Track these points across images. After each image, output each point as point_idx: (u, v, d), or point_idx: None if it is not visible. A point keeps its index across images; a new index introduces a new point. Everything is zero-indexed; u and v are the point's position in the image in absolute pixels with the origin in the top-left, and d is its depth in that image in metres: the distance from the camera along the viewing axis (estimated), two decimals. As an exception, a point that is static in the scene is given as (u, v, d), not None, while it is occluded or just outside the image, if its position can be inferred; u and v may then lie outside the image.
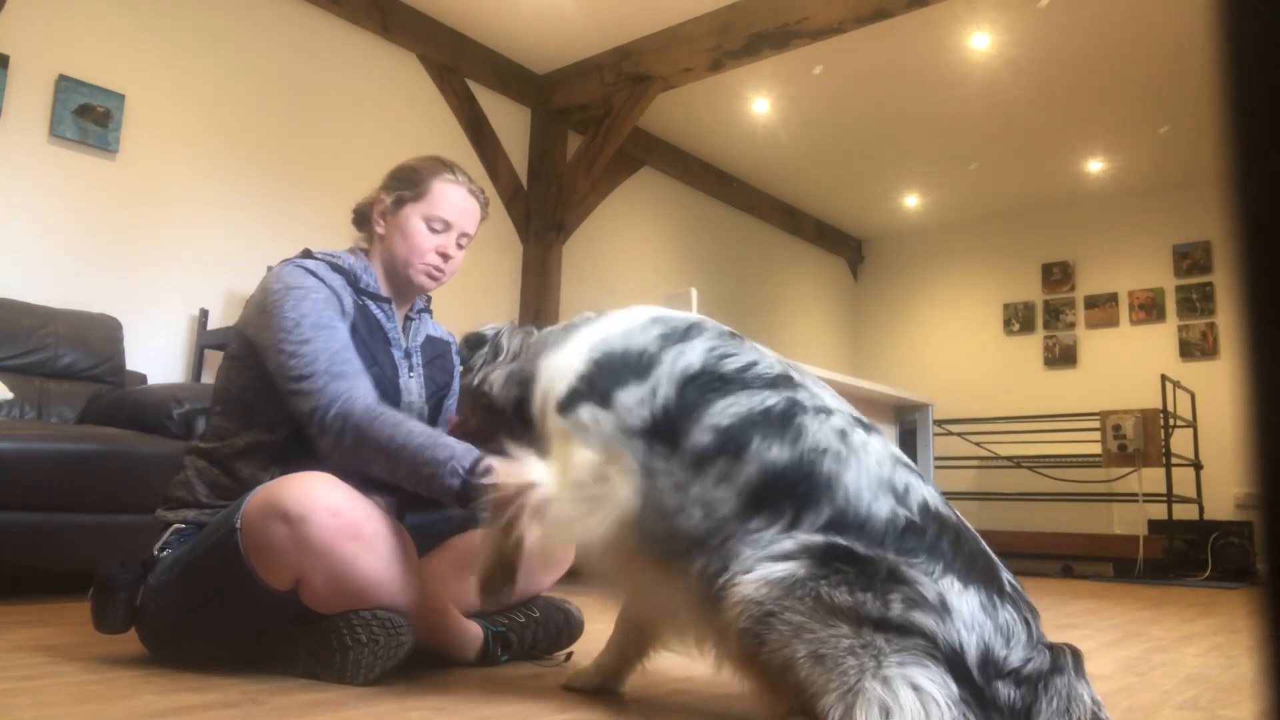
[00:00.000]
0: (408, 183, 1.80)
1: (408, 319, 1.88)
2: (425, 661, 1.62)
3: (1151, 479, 5.91)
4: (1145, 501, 5.90)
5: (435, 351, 1.92)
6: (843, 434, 1.25)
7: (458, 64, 5.04)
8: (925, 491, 1.23)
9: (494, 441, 1.53)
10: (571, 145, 5.55)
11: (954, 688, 1.04)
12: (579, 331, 1.47)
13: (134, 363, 3.51)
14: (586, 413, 1.34)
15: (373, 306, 1.77)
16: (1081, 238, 7.23)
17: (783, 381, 1.32)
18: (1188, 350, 6.62)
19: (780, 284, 7.54)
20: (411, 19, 4.78)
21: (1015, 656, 1.08)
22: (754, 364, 1.34)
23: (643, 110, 5.13)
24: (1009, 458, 6.80)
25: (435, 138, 4.90)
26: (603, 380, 1.35)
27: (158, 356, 3.73)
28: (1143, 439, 5.83)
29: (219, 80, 4.03)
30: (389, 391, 1.73)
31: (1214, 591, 4.71)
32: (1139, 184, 6.78)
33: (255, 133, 4.14)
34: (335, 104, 4.47)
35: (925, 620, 1.07)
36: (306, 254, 1.76)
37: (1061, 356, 7.21)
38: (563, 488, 1.32)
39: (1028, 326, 7.41)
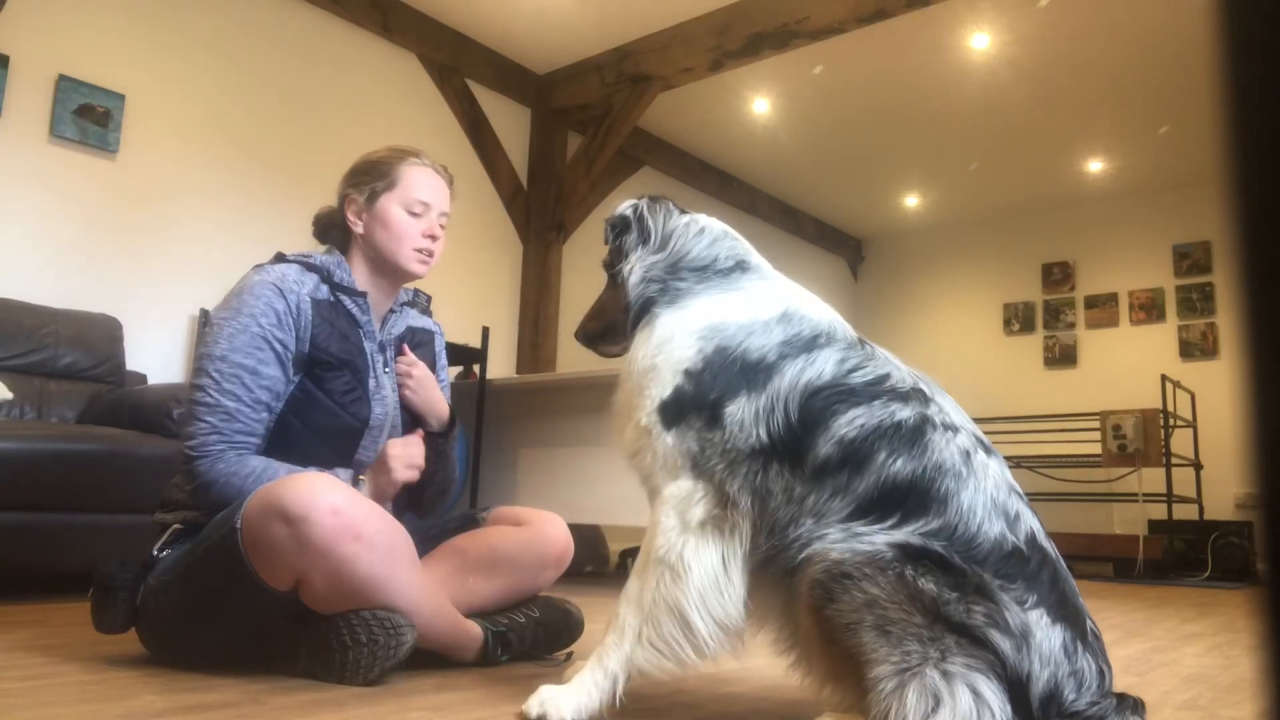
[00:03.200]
0: (376, 174, 1.81)
1: (390, 311, 1.88)
2: (425, 661, 1.62)
3: (1151, 479, 5.90)
4: (1145, 501, 5.90)
5: (417, 340, 1.92)
6: (967, 455, 1.22)
7: (458, 64, 5.04)
8: (1033, 523, 1.21)
9: (625, 332, 1.49)
10: (571, 145, 5.55)
11: (1009, 710, 1.03)
12: (703, 299, 1.38)
13: (134, 363, 3.51)
14: (693, 434, 1.28)
15: (347, 301, 1.77)
16: (1081, 238, 7.23)
17: (915, 395, 1.28)
18: (1188, 350, 6.62)
19: (780, 284, 7.54)
20: (411, 19, 4.78)
21: (1083, 702, 1.07)
22: (887, 376, 1.29)
23: (643, 110, 5.14)
24: (1009, 458, 6.74)
25: (435, 138, 4.90)
26: (713, 388, 1.28)
27: (158, 356, 3.73)
28: (1143, 439, 5.83)
29: (219, 80, 4.03)
30: (359, 394, 1.73)
31: (1214, 591, 4.71)
32: (1139, 184, 6.78)
33: (255, 133, 4.14)
34: (335, 104, 4.47)
35: (1001, 642, 1.06)
36: (280, 258, 1.76)
37: (1061, 356, 7.21)
38: (683, 531, 1.27)
39: (1028, 326, 7.41)
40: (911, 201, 7.44)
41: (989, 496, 1.19)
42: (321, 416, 1.68)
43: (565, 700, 1.24)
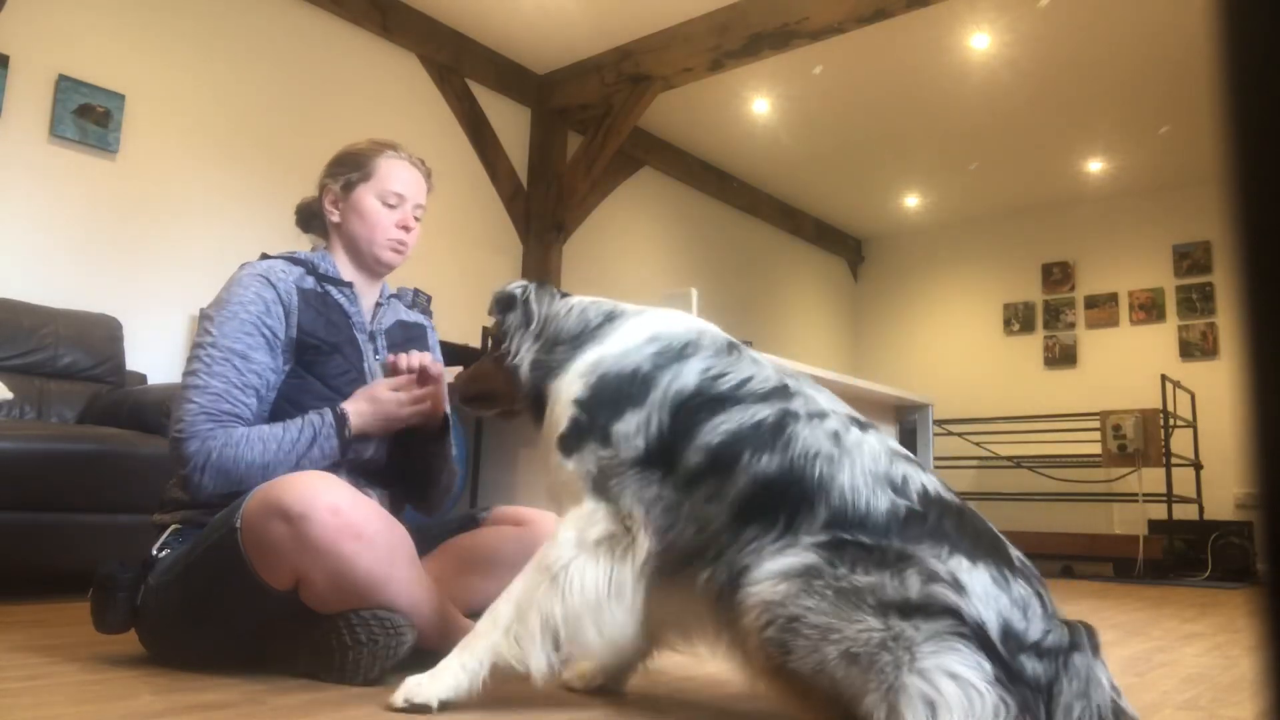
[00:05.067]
0: (353, 166, 1.84)
1: (377, 304, 1.89)
2: (425, 662, 1.62)
3: (1151, 479, 5.91)
4: (1145, 501, 5.90)
5: (408, 334, 1.93)
6: (836, 436, 1.27)
7: (458, 64, 5.04)
8: (924, 479, 1.24)
9: (508, 403, 1.62)
10: (571, 145, 5.55)
11: (988, 667, 1.04)
12: (586, 350, 1.47)
13: (134, 363, 3.51)
14: (590, 456, 1.35)
15: (335, 292, 1.78)
16: (1081, 238, 7.23)
17: (777, 394, 1.33)
18: (1188, 350, 6.62)
19: (780, 284, 7.54)
20: (411, 19, 4.78)
21: (1034, 629, 1.08)
22: (749, 379, 1.35)
23: (643, 110, 5.14)
24: (1009, 458, 6.80)
25: (435, 138, 4.90)
26: (601, 411, 1.36)
27: (158, 356, 3.73)
28: (1143, 439, 5.83)
29: (219, 80, 4.03)
30: (354, 375, 1.74)
31: (1214, 591, 4.71)
32: (1139, 184, 6.78)
33: (255, 133, 4.14)
34: (335, 104, 4.47)
35: (946, 594, 1.08)
36: (264, 258, 1.78)
37: (1061, 356, 7.22)
38: (578, 547, 1.32)
39: (1028, 326, 7.42)
40: (911, 201, 7.44)
41: (868, 472, 1.22)
42: (314, 400, 1.68)
43: (431, 686, 1.30)
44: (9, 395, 2.86)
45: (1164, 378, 5.95)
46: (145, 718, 1.22)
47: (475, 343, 4.60)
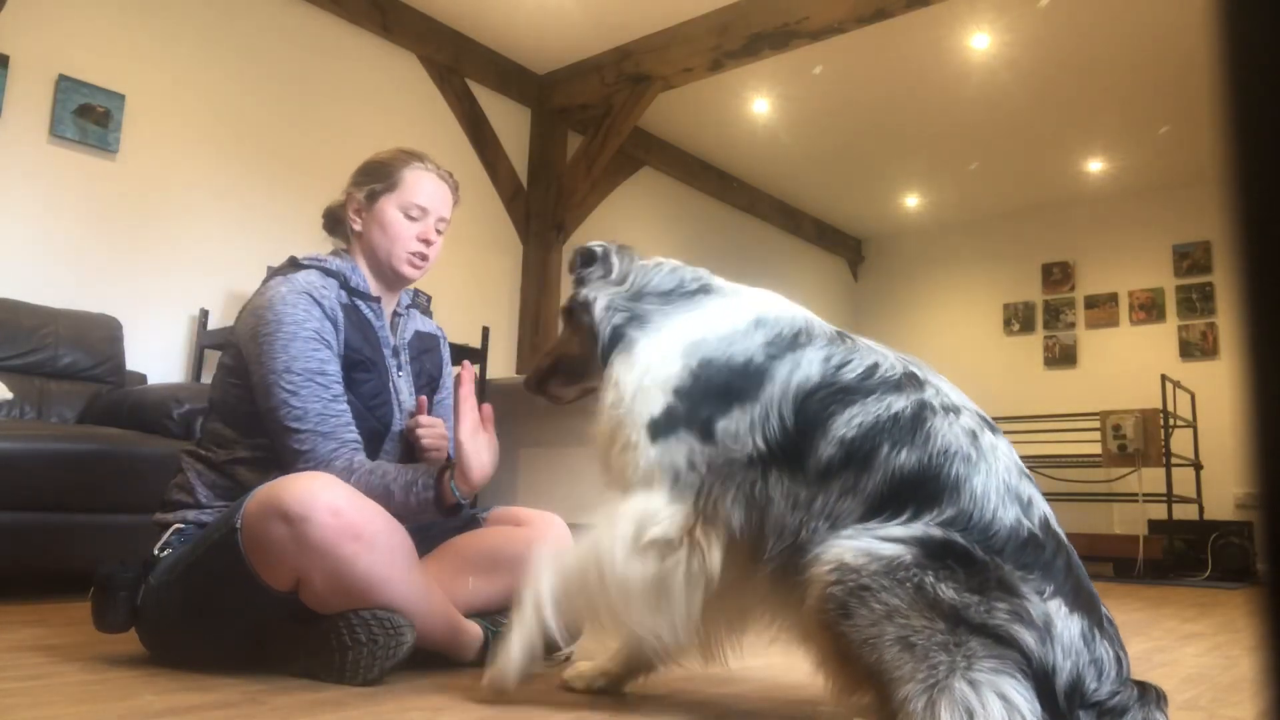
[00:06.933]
0: (378, 175, 1.82)
1: (395, 315, 1.88)
2: (425, 661, 1.62)
3: (1151, 479, 5.90)
4: (1145, 501, 5.90)
5: (424, 346, 1.93)
6: (973, 435, 1.22)
7: (458, 64, 5.04)
8: (1044, 506, 1.20)
9: (585, 371, 1.53)
10: (571, 145, 5.55)
11: (1039, 709, 1.03)
12: (675, 320, 1.40)
13: (134, 363, 3.51)
14: (683, 450, 1.29)
15: (363, 307, 1.77)
16: (1081, 238, 7.23)
17: (909, 382, 1.28)
18: (1188, 350, 6.62)
19: (780, 284, 7.48)
20: (411, 19, 4.78)
21: (1104, 691, 1.06)
22: (876, 367, 1.29)
23: (643, 110, 5.13)
24: (1009, 458, 6.79)
25: (435, 138, 4.90)
26: (704, 402, 1.29)
27: (158, 356, 3.72)
28: (1143, 439, 5.82)
29: (219, 80, 4.03)
30: (384, 394, 1.74)
31: (1214, 591, 4.71)
32: (1139, 184, 6.78)
33: (255, 133, 4.14)
34: (336, 104, 4.47)
35: (1026, 636, 1.05)
36: (294, 262, 1.76)
37: (1061, 356, 7.21)
38: (632, 548, 1.27)
39: (1028, 326, 7.41)
40: (911, 201, 7.44)
41: (1001, 480, 1.18)
42: (354, 420, 1.67)
43: (504, 664, 1.36)
44: (9, 395, 2.86)
45: (1164, 378, 5.95)
46: (145, 717, 1.22)
47: (475, 343, 4.60)
